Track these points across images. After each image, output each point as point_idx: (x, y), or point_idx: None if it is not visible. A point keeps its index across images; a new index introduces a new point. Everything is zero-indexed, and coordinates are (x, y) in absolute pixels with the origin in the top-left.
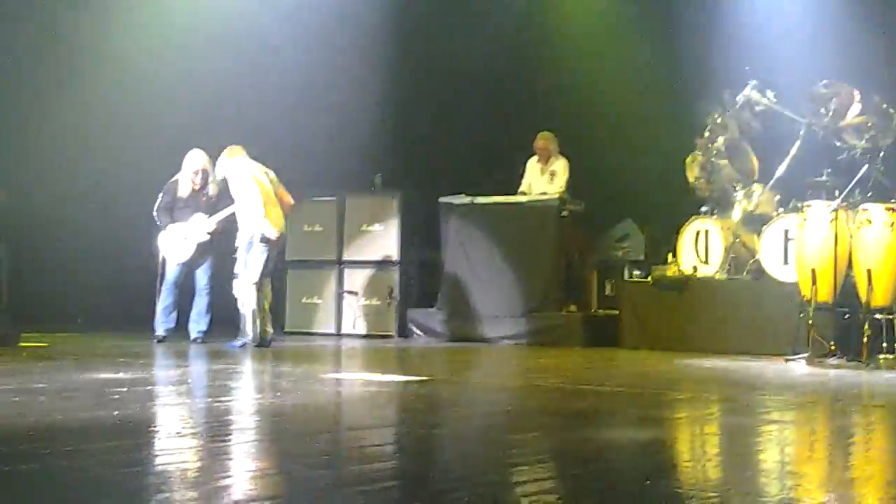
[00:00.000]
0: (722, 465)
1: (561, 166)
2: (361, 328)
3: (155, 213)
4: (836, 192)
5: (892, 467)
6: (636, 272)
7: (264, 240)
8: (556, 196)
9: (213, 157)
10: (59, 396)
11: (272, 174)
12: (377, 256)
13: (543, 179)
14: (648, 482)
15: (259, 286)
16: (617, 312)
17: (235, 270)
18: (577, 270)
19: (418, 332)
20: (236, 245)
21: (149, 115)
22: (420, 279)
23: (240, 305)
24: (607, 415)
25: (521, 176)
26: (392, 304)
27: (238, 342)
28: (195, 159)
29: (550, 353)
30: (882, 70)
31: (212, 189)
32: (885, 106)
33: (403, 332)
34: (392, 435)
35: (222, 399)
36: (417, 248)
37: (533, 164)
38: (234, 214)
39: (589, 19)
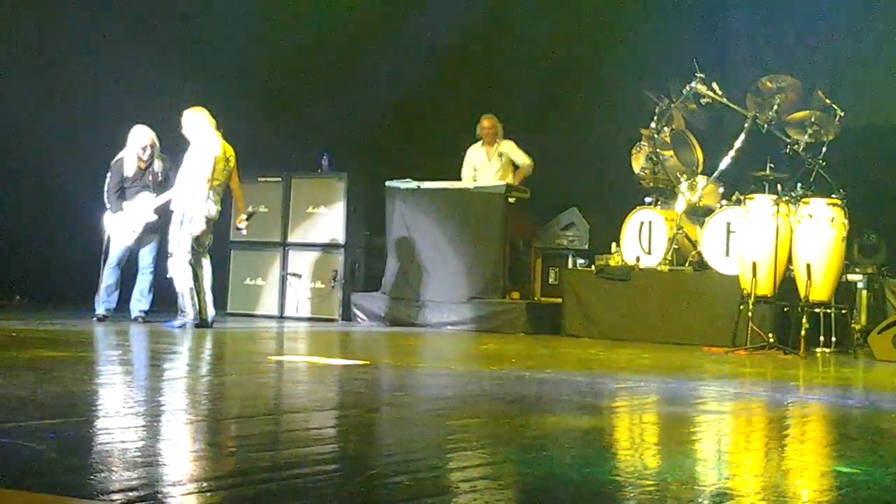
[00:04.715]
0: (660, 453)
1: (510, 146)
2: (305, 311)
3: (105, 198)
4: (779, 186)
5: (826, 458)
6: (580, 261)
7: (205, 219)
8: (503, 182)
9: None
10: None
11: (232, 159)
12: (322, 239)
13: (492, 163)
14: (588, 469)
15: (194, 263)
16: (560, 300)
17: (170, 249)
18: (522, 258)
19: (362, 316)
20: (170, 208)
21: (89, 92)
22: (365, 263)
23: (176, 284)
24: (548, 402)
25: (462, 166)
26: (336, 287)
27: (177, 322)
28: (141, 135)
29: (493, 339)
30: (827, 66)
31: (157, 165)
32: (828, 101)
33: (347, 316)
34: (333, 418)
35: (163, 379)
36: (363, 232)
37: (476, 150)
38: None
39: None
